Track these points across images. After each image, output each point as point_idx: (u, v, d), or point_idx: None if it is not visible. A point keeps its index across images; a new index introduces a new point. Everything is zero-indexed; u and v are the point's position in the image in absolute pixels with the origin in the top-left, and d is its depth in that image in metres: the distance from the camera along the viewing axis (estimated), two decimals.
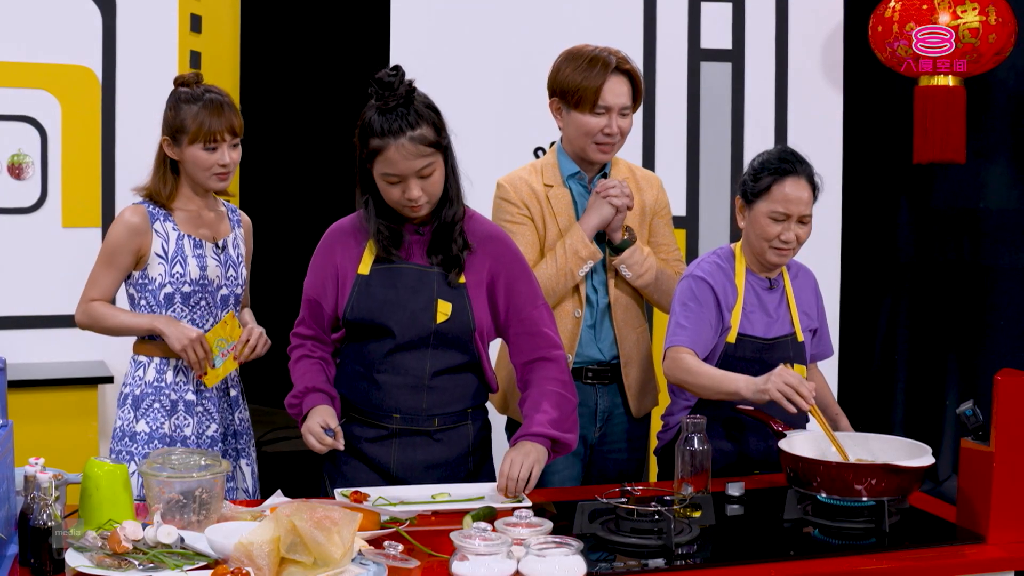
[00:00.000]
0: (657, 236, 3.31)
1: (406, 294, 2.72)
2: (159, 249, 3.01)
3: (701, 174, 4.68)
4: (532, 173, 3.23)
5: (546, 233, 3.18)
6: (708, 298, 2.96)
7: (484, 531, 2.18)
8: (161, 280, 3.01)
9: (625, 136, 3.17)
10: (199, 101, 2.97)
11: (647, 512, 2.39)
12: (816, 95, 4.75)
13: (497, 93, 4.46)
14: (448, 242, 2.74)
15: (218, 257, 3.09)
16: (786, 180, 2.92)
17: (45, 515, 2.11)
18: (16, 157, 4.13)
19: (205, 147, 2.97)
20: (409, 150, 2.59)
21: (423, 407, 2.76)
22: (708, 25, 4.67)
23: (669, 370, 2.93)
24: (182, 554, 2.15)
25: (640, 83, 3.16)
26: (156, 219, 3.03)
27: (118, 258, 3.02)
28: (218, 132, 2.97)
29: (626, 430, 3.26)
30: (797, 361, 3.04)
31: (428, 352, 2.74)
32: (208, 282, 3.06)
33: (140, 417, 3.03)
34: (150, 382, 3.05)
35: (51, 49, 4.09)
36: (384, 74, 2.63)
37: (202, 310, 3.06)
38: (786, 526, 2.55)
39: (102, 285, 3.05)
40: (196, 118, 2.95)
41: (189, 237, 3.05)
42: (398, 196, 2.65)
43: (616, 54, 3.12)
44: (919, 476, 2.54)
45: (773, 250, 2.95)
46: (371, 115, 2.64)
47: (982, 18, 4.21)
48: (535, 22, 4.50)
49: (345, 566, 2.08)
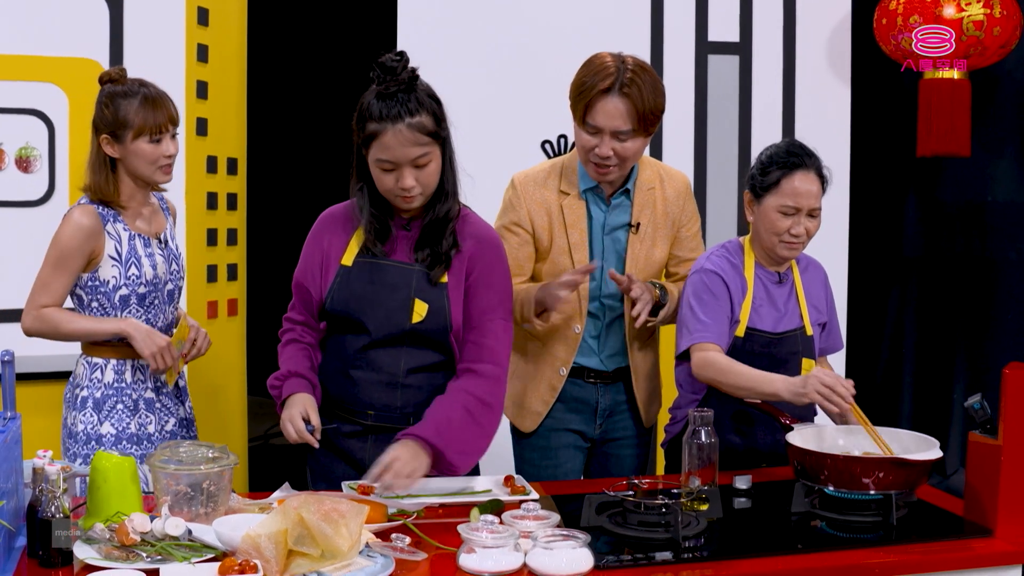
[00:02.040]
0: (681, 250, 3.19)
1: (384, 291, 2.69)
2: (112, 251, 2.96)
3: (708, 167, 4.67)
4: (550, 176, 3.10)
5: (552, 244, 3.08)
6: (721, 291, 2.95)
7: (491, 524, 2.19)
8: (116, 282, 2.97)
9: (627, 159, 2.96)
10: (136, 95, 2.94)
11: (654, 505, 2.39)
12: (824, 88, 4.74)
13: (504, 86, 4.45)
14: (438, 238, 2.70)
15: (163, 253, 3.07)
16: (795, 174, 2.90)
17: (53, 507, 2.11)
18: (24, 150, 4.13)
19: (151, 140, 2.93)
20: (406, 136, 2.56)
21: (397, 404, 2.74)
22: (715, 17, 4.66)
23: (700, 369, 2.89)
24: (190, 546, 2.15)
25: (643, 107, 2.88)
26: (107, 220, 2.97)
27: (70, 262, 2.94)
28: (162, 124, 2.94)
29: (631, 428, 3.23)
30: (806, 355, 3.03)
31: (403, 350, 2.72)
32: (159, 280, 3.03)
33: (104, 419, 2.99)
34: (110, 383, 3.01)
35: (58, 42, 4.09)
36: (387, 58, 2.59)
37: (155, 308, 3.04)
38: (793, 519, 2.55)
39: (53, 290, 2.96)
40: (139, 112, 2.92)
41: (140, 236, 3.01)
42: (391, 184, 2.61)
43: (627, 72, 2.88)
44: (927, 469, 2.53)
45: (783, 244, 2.94)
46: (370, 99, 2.60)
47: (987, 11, 4.20)
48: (543, 15, 4.49)
49: (352, 558, 2.08)
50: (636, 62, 2.93)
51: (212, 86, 4.30)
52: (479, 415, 2.66)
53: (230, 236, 4.43)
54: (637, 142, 2.94)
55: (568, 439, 3.16)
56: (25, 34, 4.07)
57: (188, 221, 4.14)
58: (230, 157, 4.43)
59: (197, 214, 4.22)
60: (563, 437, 3.16)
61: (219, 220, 4.36)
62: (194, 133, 4.19)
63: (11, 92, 4.09)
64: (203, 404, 3.70)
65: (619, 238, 3.11)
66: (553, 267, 3.09)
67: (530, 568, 2.13)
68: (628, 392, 3.19)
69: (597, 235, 3.10)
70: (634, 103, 2.88)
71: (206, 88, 4.26)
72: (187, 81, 4.16)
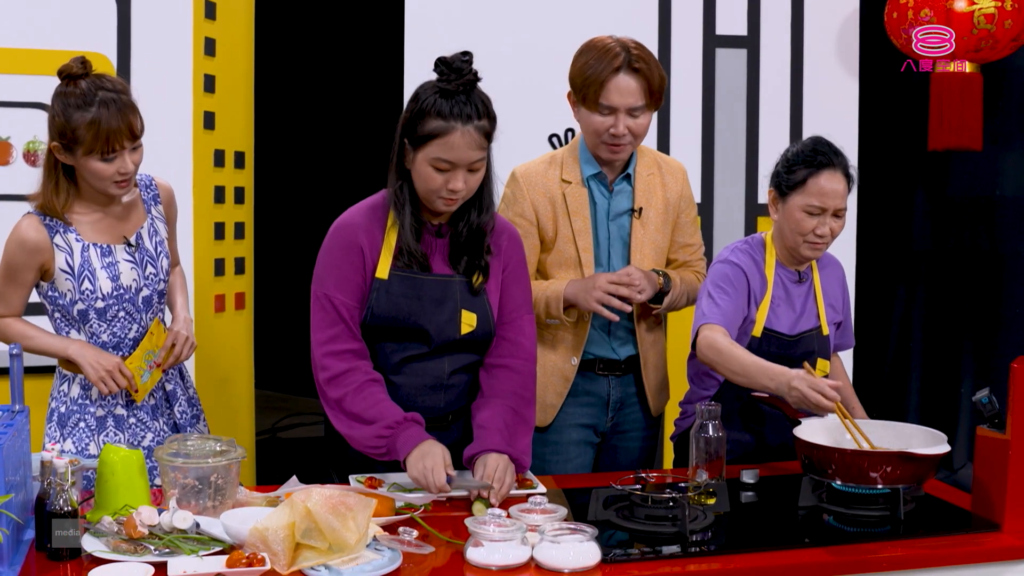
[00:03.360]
0: (682, 235, 3.22)
1: (430, 306, 2.65)
2: (63, 264, 2.74)
3: (716, 161, 4.67)
4: (551, 167, 3.12)
5: (557, 234, 3.09)
6: (742, 284, 2.93)
7: (499, 517, 2.19)
8: (72, 296, 2.76)
9: (639, 136, 3.02)
10: (91, 106, 2.62)
11: (662, 499, 2.39)
12: (832, 82, 4.73)
13: (511, 81, 4.44)
14: (477, 249, 2.67)
15: (132, 258, 2.82)
16: (822, 173, 2.87)
17: (61, 500, 2.12)
18: (32, 144, 4.13)
19: (103, 159, 2.65)
20: (473, 138, 2.51)
21: (440, 406, 2.74)
22: (723, 11, 4.65)
23: (704, 349, 2.86)
24: (197, 539, 2.15)
25: (655, 81, 2.95)
26: (55, 232, 2.74)
27: (20, 275, 2.76)
28: (116, 142, 2.64)
29: (640, 419, 3.24)
30: (821, 355, 3.02)
31: (448, 356, 2.72)
32: (124, 290, 2.79)
33: (67, 436, 2.83)
34: (75, 399, 2.84)
35: (66, 36, 4.09)
36: (456, 58, 2.52)
37: (122, 320, 2.81)
38: (801, 513, 2.55)
39: (8, 301, 2.80)
40: (90, 127, 2.61)
41: (95, 246, 2.77)
42: (439, 185, 2.54)
43: (633, 50, 2.94)
44: (934, 464, 2.53)
45: (807, 244, 2.91)
46: (431, 95, 2.52)
47: (998, 4, 4.18)
48: (550, 10, 4.49)
49: (360, 552, 2.09)
50: (634, 41, 3.00)
51: (219, 80, 4.30)
52: (524, 412, 2.71)
53: (237, 230, 4.43)
54: (648, 117, 3.01)
55: (580, 435, 3.17)
56: (33, 28, 4.07)
57: (195, 215, 4.14)
58: (237, 151, 4.43)
59: (204, 208, 4.22)
60: (575, 432, 3.16)
61: (226, 214, 4.36)
62: (201, 127, 4.19)
63: (19, 86, 4.09)
64: (211, 397, 3.70)
65: (623, 224, 3.13)
66: (559, 256, 3.10)
67: (537, 562, 2.13)
68: (638, 383, 3.20)
69: (602, 221, 3.12)
70: (646, 77, 2.94)
71: (213, 82, 4.26)
72: (194, 75, 4.16)
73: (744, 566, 2.22)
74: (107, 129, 2.62)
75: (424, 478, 2.49)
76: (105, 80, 2.68)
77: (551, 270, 3.11)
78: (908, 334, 5.27)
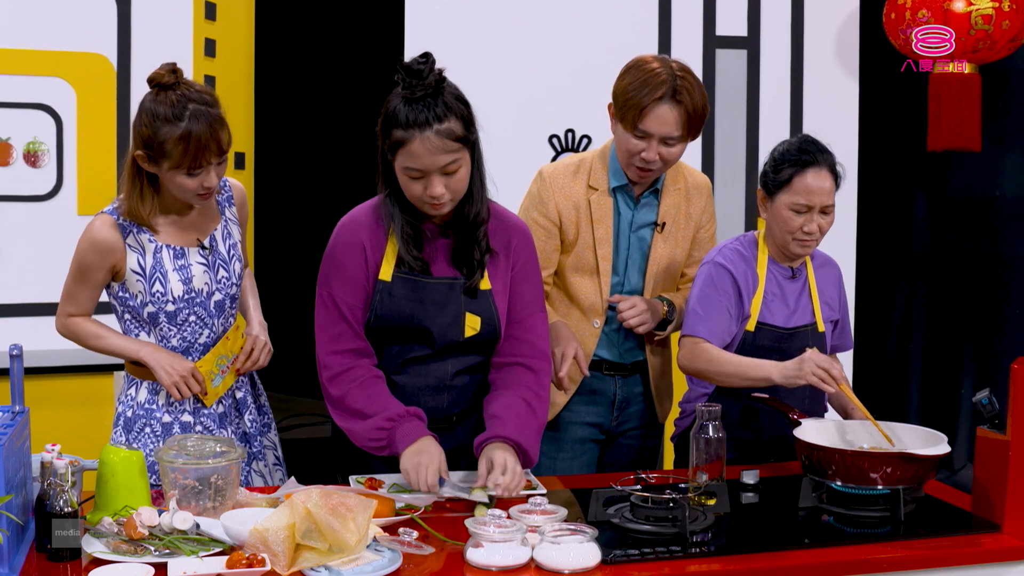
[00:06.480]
0: (698, 250, 3.21)
1: (432, 309, 2.63)
2: (135, 265, 2.69)
3: (716, 162, 4.67)
4: (578, 172, 3.09)
5: (578, 239, 3.08)
6: (727, 285, 2.94)
7: (499, 518, 2.19)
8: (142, 298, 2.71)
9: (669, 163, 2.99)
10: (180, 121, 2.55)
11: (662, 500, 2.39)
12: (832, 82, 4.73)
13: (511, 81, 4.45)
14: (471, 246, 2.64)
15: (205, 260, 2.77)
16: (807, 171, 2.89)
17: (61, 501, 2.12)
18: (32, 145, 4.13)
19: (189, 173, 2.60)
20: (435, 144, 2.45)
21: (444, 407, 2.73)
22: (723, 12, 4.65)
23: (687, 360, 2.91)
24: (197, 540, 2.15)
25: (696, 113, 2.92)
26: (129, 232, 2.70)
27: (90, 275, 2.72)
28: (203, 158, 2.58)
29: (642, 418, 3.24)
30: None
31: (452, 358, 2.70)
32: (196, 293, 2.74)
33: (132, 441, 2.78)
34: (141, 403, 2.79)
35: (66, 37, 4.09)
36: (413, 61, 2.48)
37: (192, 325, 2.76)
38: (801, 514, 2.55)
39: (79, 300, 2.77)
40: (179, 143, 2.55)
41: (168, 247, 2.73)
42: (419, 192, 2.51)
43: (679, 79, 2.89)
44: (934, 464, 2.53)
45: (796, 241, 2.93)
46: (396, 104, 2.47)
47: (995, 5, 4.18)
48: (550, 10, 4.49)
49: (360, 552, 2.09)
50: (682, 66, 2.95)
51: (220, 81, 4.30)
52: (538, 408, 2.68)
53: None
54: (682, 147, 2.98)
55: (585, 432, 3.17)
56: (33, 29, 4.08)
57: None
58: (238, 152, 4.43)
59: None
60: (580, 431, 3.17)
61: None
62: None
63: (19, 87, 4.10)
64: None
65: (644, 236, 3.13)
66: (577, 260, 3.11)
67: (537, 562, 2.13)
68: (644, 384, 3.22)
69: (624, 232, 3.12)
70: (687, 109, 2.90)
71: (214, 83, 4.26)
72: (194, 76, 4.16)
73: (744, 567, 2.22)
74: (196, 146, 2.56)
75: (415, 473, 2.47)
76: (194, 91, 2.61)
77: (568, 273, 3.12)
78: (908, 335, 5.27)
